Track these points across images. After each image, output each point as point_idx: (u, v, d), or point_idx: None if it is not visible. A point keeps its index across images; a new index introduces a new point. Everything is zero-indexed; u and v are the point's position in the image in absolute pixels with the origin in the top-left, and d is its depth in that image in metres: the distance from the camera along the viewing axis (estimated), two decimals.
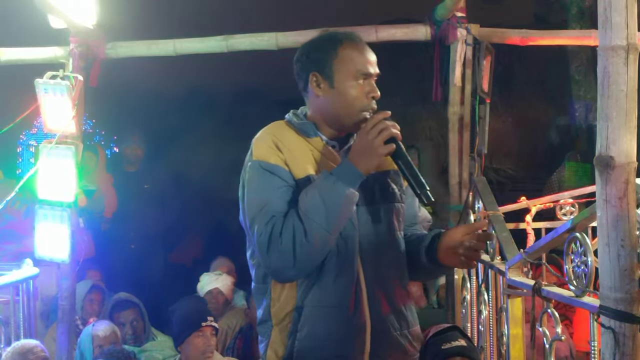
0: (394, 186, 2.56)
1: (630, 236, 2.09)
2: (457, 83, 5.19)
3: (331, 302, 2.43)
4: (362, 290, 2.44)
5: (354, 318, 2.43)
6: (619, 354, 2.10)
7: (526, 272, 3.41)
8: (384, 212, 2.52)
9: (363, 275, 2.45)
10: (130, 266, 6.51)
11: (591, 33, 5.54)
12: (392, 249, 2.54)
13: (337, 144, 2.54)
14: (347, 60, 2.50)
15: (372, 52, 2.56)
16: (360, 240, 2.46)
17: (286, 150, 2.48)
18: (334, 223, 2.34)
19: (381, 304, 2.47)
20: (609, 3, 2.08)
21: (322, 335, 2.42)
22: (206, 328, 4.36)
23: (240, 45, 5.29)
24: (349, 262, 2.44)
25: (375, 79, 2.53)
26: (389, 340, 2.47)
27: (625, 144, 2.08)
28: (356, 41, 2.56)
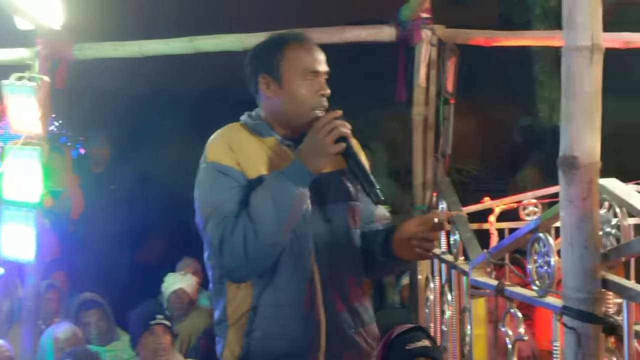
0: (349, 185, 2.58)
1: (594, 237, 2.10)
2: (421, 84, 5.20)
3: (286, 301, 2.44)
4: (317, 289, 2.45)
5: (309, 317, 2.43)
6: (581, 354, 2.11)
7: (489, 273, 3.42)
8: (339, 210, 2.53)
9: (318, 274, 2.46)
10: (95, 266, 6.46)
11: (555, 34, 5.58)
12: (347, 247, 2.55)
13: (292, 143, 2.53)
14: (294, 59, 2.52)
15: (320, 51, 2.57)
16: (315, 239, 2.47)
17: (239, 151, 2.48)
18: (284, 222, 2.34)
19: (336, 303, 2.48)
20: (573, 4, 2.09)
21: (277, 334, 2.43)
22: (156, 327, 4.33)
23: (205, 46, 5.27)
24: (303, 261, 2.44)
25: (325, 77, 2.53)
26: (344, 339, 2.48)
27: (589, 145, 2.09)
28: (303, 41, 2.57)
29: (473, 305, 3.44)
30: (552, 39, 5.75)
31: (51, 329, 4.71)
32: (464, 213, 4.06)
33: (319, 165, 2.39)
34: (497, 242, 4.62)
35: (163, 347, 4.32)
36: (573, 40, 2.10)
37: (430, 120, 5.23)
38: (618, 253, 2.13)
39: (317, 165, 2.38)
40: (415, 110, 5.26)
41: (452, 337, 3.82)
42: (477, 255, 3.38)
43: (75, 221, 6.60)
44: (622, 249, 2.12)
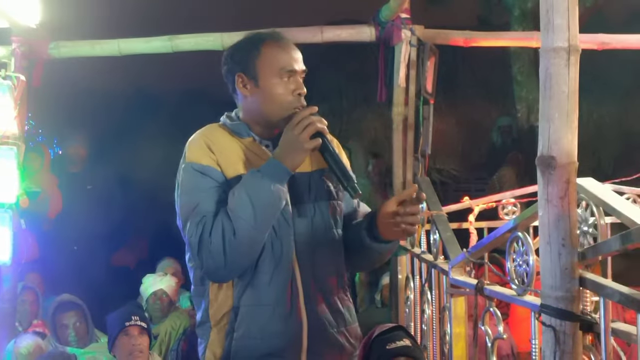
0: (329, 183, 2.56)
1: (571, 235, 2.12)
2: (401, 84, 5.22)
3: (267, 301, 2.43)
4: (298, 288, 2.45)
5: (290, 316, 2.43)
6: (559, 352, 2.13)
7: (469, 272, 3.44)
8: (320, 209, 2.52)
9: (299, 273, 2.46)
10: (73, 268, 6.41)
11: (533, 35, 5.62)
12: (329, 246, 2.54)
13: (270, 143, 2.53)
14: (270, 58, 2.51)
15: (296, 50, 2.56)
16: (296, 238, 2.46)
17: (218, 151, 2.48)
18: (262, 220, 2.33)
19: (318, 302, 2.47)
20: (551, 5, 2.11)
21: (258, 334, 2.42)
22: (131, 328, 4.30)
23: (185, 45, 5.25)
24: (284, 261, 2.44)
25: (302, 75, 2.52)
26: (326, 338, 2.47)
27: (566, 144, 2.11)
28: (278, 39, 2.56)
29: (453, 304, 3.46)
30: (530, 40, 5.80)
31: (12, 343, 4.64)
32: (443, 212, 4.08)
33: (295, 162, 2.38)
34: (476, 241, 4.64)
35: (139, 349, 4.29)
36: (550, 41, 2.12)
37: (410, 120, 5.25)
38: (595, 252, 2.15)
39: (293, 162, 2.37)
40: (395, 110, 5.28)
41: (432, 336, 3.83)
42: (456, 255, 3.40)
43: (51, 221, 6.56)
44: (599, 248, 2.15)
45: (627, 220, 2.30)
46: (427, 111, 5.19)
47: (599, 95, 10.43)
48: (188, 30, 5.38)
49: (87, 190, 6.85)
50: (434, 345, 3.80)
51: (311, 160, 2.53)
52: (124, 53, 5.29)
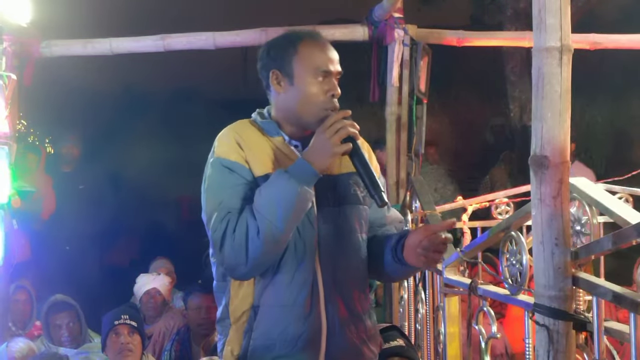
0: (357, 187, 2.53)
1: (564, 235, 2.13)
2: (394, 83, 5.23)
3: (286, 302, 2.41)
4: (320, 291, 2.42)
5: (309, 319, 2.41)
6: (553, 351, 2.14)
7: (462, 271, 3.44)
8: (346, 214, 2.49)
9: (321, 276, 2.43)
10: (65, 268, 6.40)
11: (526, 34, 5.64)
12: (352, 251, 2.51)
13: (300, 144, 2.51)
14: (306, 57, 2.48)
15: (333, 50, 2.53)
16: (320, 241, 2.44)
17: (247, 148, 2.45)
18: (286, 221, 2.31)
19: (338, 307, 2.45)
20: (543, 5, 2.11)
21: (275, 335, 2.41)
22: (120, 327, 4.29)
23: (177, 44, 5.24)
24: (306, 263, 2.41)
25: (337, 77, 2.50)
26: (345, 344, 2.44)
27: (559, 144, 2.12)
28: (316, 38, 2.54)
29: (447, 303, 3.46)
30: (522, 39, 5.82)
31: (4, 346, 4.62)
32: (437, 212, 4.08)
33: (324, 165, 2.35)
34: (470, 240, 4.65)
35: (128, 347, 4.28)
36: (543, 41, 2.12)
37: (403, 120, 5.26)
38: (588, 251, 2.15)
39: (322, 165, 2.34)
40: (389, 110, 5.29)
41: (426, 336, 3.83)
42: (450, 254, 3.40)
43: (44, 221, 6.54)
44: (592, 247, 2.15)
45: (620, 220, 2.31)
46: (420, 110, 5.20)
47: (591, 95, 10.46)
48: (180, 29, 5.38)
49: (79, 190, 6.82)
50: (428, 344, 3.80)
51: (339, 163, 2.50)
52: (116, 52, 5.28)
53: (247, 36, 5.23)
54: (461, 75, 11.72)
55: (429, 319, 3.82)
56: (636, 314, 1.93)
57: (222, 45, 5.25)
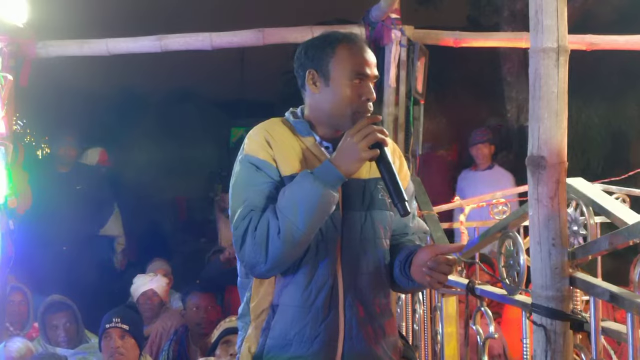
0: (384, 193, 2.50)
1: (561, 235, 2.13)
2: (391, 84, 5.23)
3: (304, 302, 2.41)
4: (339, 294, 2.42)
5: (326, 322, 2.40)
6: (550, 351, 2.14)
7: (460, 271, 3.44)
8: (372, 219, 2.48)
9: (342, 279, 2.42)
10: (62, 269, 6.38)
11: (523, 35, 5.65)
12: (375, 256, 2.49)
13: (331, 145, 2.50)
14: (343, 59, 2.47)
15: (371, 53, 2.51)
16: (343, 244, 2.43)
17: (276, 147, 2.45)
18: (308, 222, 2.30)
19: (358, 311, 2.44)
20: (540, 6, 2.12)
21: (292, 335, 2.41)
22: (111, 330, 4.29)
23: (174, 45, 5.24)
24: (327, 265, 2.41)
25: (373, 81, 2.49)
26: (362, 348, 2.43)
27: (556, 145, 2.12)
28: (355, 41, 2.53)
29: (444, 303, 3.47)
30: (519, 40, 5.82)
31: (3, 345, 4.62)
32: (434, 212, 4.09)
33: (350, 169, 2.33)
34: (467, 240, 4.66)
35: (118, 352, 4.27)
36: (540, 42, 2.13)
37: (400, 120, 5.26)
38: (585, 251, 2.16)
39: (348, 169, 2.33)
40: (386, 111, 5.29)
41: (424, 336, 3.83)
42: None
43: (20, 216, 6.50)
44: (589, 247, 2.16)
45: (617, 220, 2.32)
46: (417, 111, 5.21)
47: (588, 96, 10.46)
48: (177, 29, 5.37)
49: (76, 190, 6.81)
50: (425, 345, 3.80)
51: (369, 167, 2.48)
52: (113, 53, 5.27)
53: (244, 37, 5.23)
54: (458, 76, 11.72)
55: (426, 319, 3.82)
56: (633, 314, 1.94)
57: (219, 45, 5.24)
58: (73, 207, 6.57)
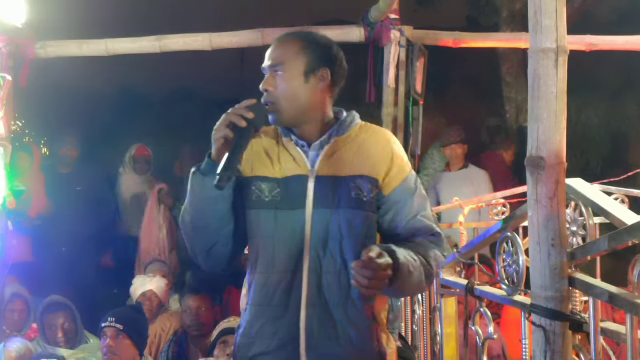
0: (360, 192, 2.45)
1: (561, 235, 2.13)
2: (390, 84, 5.23)
3: (262, 301, 2.43)
4: (302, 292, 2.40)
5: (284, 319, 2.40)
6: (549, 351, 2.14)
7: (459, 272, 3.44)
8: (340, 217, 2.43)
9: (306, 278, 2.40)
10: (61, 269, 6.38)
11: (522, 36, 5.66)
12: (344, 256, 2.42)
13: (305, 143, 2.49)
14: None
15: (274, 45, 2.53)
16: (311, 242, 2.41)
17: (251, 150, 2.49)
18: (194, 209, 2.42)
19: (321, 310, 2.40)
20: (539, 7, 2.12)
21: (253, 333, 2.44)
22: (106, 329, 4.30)
23: (173, 45, 5.24)
24: (286, 263, 2.41)
25: (270, 70, 2.50)
26: (326, 349, 2.40)
27: (555, 145, 2.12)
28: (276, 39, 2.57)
29: (443, 304, 3.47)
30: (518, 40, 5.83)
31: (2, 346, 4.61)
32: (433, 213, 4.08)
33: (215, 153, 2.36)
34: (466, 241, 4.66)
35: (111, 351, 4.27)
36: (539, 42, 2.13)
37: (399, 121, 5.26)
38: (584, 251, 2.16)
39: (214, 152, 2.36)
40: (385, 111, 5.29)
41: (423, 336, 3.84)
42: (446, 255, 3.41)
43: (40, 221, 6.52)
44: (588, 248, 2.16)
45: (616, 220, 2.32)
46: (416, 111, 5.21)
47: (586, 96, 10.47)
48: (176, 30, 5.37)
49: (76, 191, 6.81)
50: (424, 345, 3.80)
51: (350, 165, 2.46)
52: (112, 53, 5.27)
53: (243, 37, 5.23)
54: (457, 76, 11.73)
55: (425, 320, 3.82)
56: (632, 315, 1.94)
57: (219, 46, 5.25)
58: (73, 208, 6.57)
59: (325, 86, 2.51)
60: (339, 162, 2.44)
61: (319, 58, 2.49)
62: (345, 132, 2.51)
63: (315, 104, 2.50)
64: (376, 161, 2.46)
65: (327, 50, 2.53)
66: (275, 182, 2.46)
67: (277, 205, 2.43)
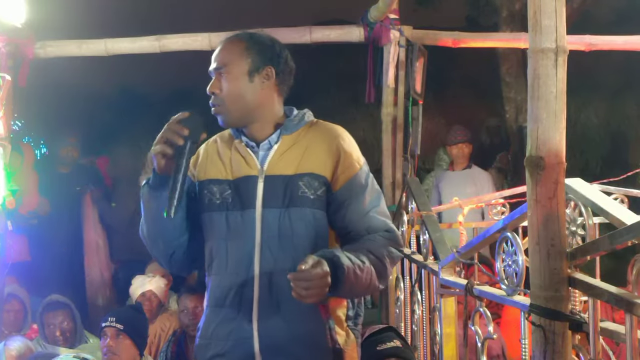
0: (307, 190, 2.45)
1: (560, 235, 2.13)
2: (390, 84, 5.24)
3: (216, 303, 2.47)
4: (254, 293, 2.41)
5: (237, 320, 2.43)
6: (549, 352, 2.14)
7: (459, 272, 3.44)
8: (289, 216, 2.44)
9: (258, 278, 2.42)
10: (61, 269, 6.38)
11: (521, 36, 5.66)
12: (295, 255, 2.39)
13: (255, 145, 2.52)
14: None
15: (218, 49, 2.56)
16: (262, 242, 2.43)
17: (205, 155, 2.56)
18: (147, 222, 2.49)
19: (273, 310, 2.41)
20: (538, 7, 2.12)
21: (209, 335, 2.48)
22: (106, 329, 4.30)
23: (172, 45, 5.24)
24: (238, 265, 2.43)
25: (216, 72, 2.53)
26: (279, 349, 2.41)
27: (555, 145, 2.12)
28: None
29: (443, 304, 3.47)
30: (518, 41, 5.83)
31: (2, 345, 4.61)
32: (433, 213, 4.09)
33: (157, 167, 2.38)
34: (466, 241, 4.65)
35: (111, 351, 4.27)
36: (538, 42, 2.13)
37: (399, 121, 5.27)
38: (584, 252, 2.16)
39: (156, 167, 2.39)
40: (384, 111, 5.29)
41: (423, 336, 3.84)
42: (446, 255, 3.41)
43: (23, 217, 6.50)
44: (588, 248, 2.15)
45: (615, 220, 2.32)
46: (416, 111, 5.21)
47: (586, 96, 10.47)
48: (175, 30, 5.37)
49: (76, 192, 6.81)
50: (424, 345, 3.81)
51: (297, 164, 2.47)
52: (111, 53, 5.28)
53: None
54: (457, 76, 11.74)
55: (425, 320, 3.82)
56: (632, 315, 1.94)
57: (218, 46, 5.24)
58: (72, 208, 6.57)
59: (271, 85, 2.52)
60: (288, 161, 2.46)
61: (262, 57, 2.50)
62: (294, 130, 2.52)
63: (262, 103, 2.51)
64: (324, 159, 2.46)
65: (271, 49, 2.53)
66: (226, 184, 2.49)
67: (229, 207, 2.46)
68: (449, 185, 6.90)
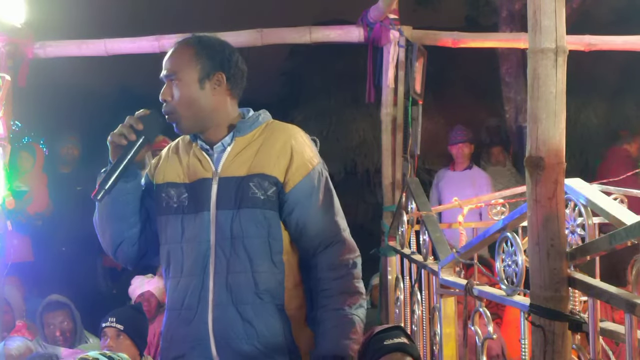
0: (258, 191, 2.46)
1: (560, 235, 2.13)
2: (390, 85, 5.24)
3: (175, 305, 2.50)
4: (209, 294, 2.43)
5: (194, 322, 2.45)
6: (549, 352, 2.14)
7: (458, 272, 3.44)
8: (242, 217, 2.44)
9: (212, 279, 2.43)
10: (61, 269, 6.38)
11: (521, 36, 5.67)
12: (249, 255, 2.44)
13: (209, 148, 2.53)
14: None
15: (168, 54, 2.58)
16: (216, 244, 2.44)
17: (165, 159, 2.60)
18: (98, 210, 2.56)
19: (228, 311, 2.42)
20: (538, 7, 2.12)
21: (169, 337, 2.52)
22: (107, 329, 4.30)
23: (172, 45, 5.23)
24: (194, 266, 2.45)
25: (167, 79, 2.55)
26: (235, 349, 2.42)
27: (554, 145, 2.12)
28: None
29: (442, 304, 3.46)
30: (517, 41, 5.84)
31: (2, 344, 4.61)
32: (433, 213, 4.08)
33: (111, 156, 2.53)
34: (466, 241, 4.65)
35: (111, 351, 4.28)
36: (538, 42, 2.13)
37: (398, 121, 5.27)
38: (583, 252, 2.16)
39: (110, 156, 2.53)
40: (384, 111, 5.29)
41: (422, 336, 3.84)
42: (446, 255, 3.40)
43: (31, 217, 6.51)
44: (588, 248, 2.15)
45: (615, 221, 2.31)
46: (415, 112, 5.21)
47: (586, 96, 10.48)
48: (175, 30, 5.37)
49: (77, 191, 6.81)
50: (424, 345, 3.80)
51: (248, 165, 2.48)
52: (111, 53, 5.28)
53: (243, 37, 5.23)
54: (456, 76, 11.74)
55: (425, 320, 3.82)
56: (631, 315, 1.94)
57: None
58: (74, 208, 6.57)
59: (223, 90, 2.52)
60: (240, 162, 2.47)
61: (212, 63, 2.50)
62: (248, 132, 2.53)
63: (215, 108, 2.51)
64: (276, 159, 2.47)
65: (220, 54, 2.53)
66: (183, 187, 2.51)
67: (184, 210, 2.48)
68: (448, 185, 6.90)
